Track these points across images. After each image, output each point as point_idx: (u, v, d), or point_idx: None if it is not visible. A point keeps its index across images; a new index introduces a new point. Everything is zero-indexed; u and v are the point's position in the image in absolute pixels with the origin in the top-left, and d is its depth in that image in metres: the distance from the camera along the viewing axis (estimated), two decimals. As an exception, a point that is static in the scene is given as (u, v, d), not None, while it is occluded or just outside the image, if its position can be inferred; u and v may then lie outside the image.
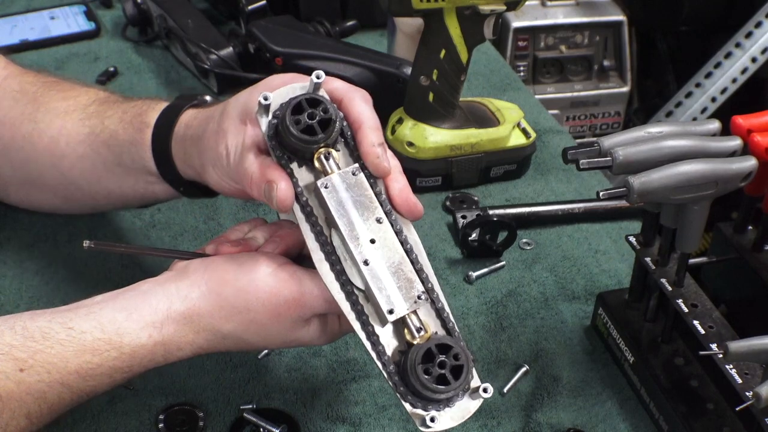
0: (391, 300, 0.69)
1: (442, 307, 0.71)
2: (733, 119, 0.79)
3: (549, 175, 1.18)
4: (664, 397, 0.84)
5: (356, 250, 0.70)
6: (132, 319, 0.71)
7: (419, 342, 0.69)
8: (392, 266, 0.70)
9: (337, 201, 0.70)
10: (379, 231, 0.71)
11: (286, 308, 0.72)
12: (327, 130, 0.70)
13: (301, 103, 0.70)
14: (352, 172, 0.71)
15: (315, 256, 0.71)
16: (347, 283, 0.70)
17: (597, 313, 0.95)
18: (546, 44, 2.12)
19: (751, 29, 2.03)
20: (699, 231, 0.79)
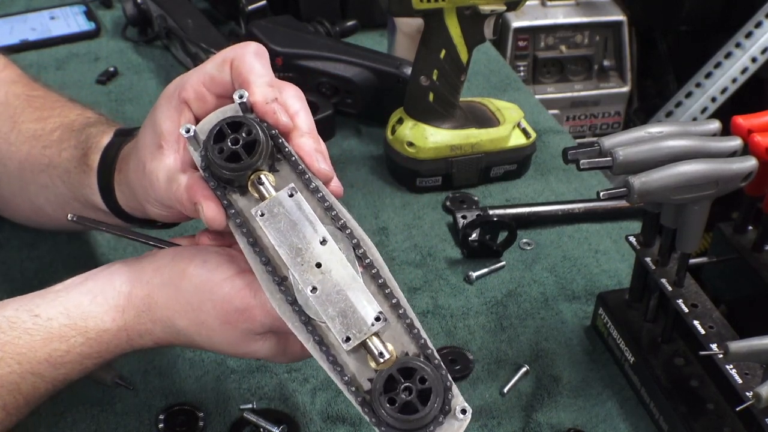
0: (345, 326, 0.64)
1: (411, 323, 0.65)
2: (733, 119, 0.79)
3: (549, 175, 1.18)
4: (664, 397, 0.84)
5: (302, 277, 0.65)
6: (96, 302, 0.70)
7: (383, 368, 0.63)
8: (342, 288, 0.65)
9: (275, 228, 0.66)
10: (324, 253, 0.65)
11: (236, 317, 0.68)
12: (253, 153, 0.65)
13: (222, 129, 0.65)
14: (288, 193, 0.66)
15: (265, 287, 0.66)
16: (301, 313, 0.65)
17: (597, 313, 0.95)
18: (546, 44, 2.12)
19: (751, 29, 2.03)
20: (699, 231, 0.79)
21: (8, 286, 0.96)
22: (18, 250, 1.00)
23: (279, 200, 0.66)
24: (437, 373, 0.62)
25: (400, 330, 0.65)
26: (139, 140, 0.73)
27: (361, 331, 0.64)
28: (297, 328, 0.65)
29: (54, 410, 0.82)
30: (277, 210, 0.66)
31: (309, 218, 0.66)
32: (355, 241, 0.66)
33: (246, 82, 0.68)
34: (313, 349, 0.65)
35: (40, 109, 0.88)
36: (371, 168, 1.17)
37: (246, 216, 0.67)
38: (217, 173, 0.67)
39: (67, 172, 0.83)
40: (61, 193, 0.84)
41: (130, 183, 0.75)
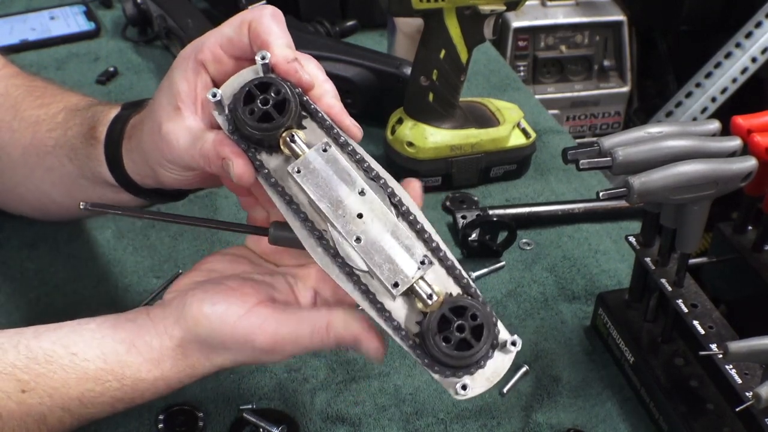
0: (392, 272, 0.65)
1: (452, 264, 0.67)
2: (733, 119, 0.79)
3: (549, 175, 1.18)
4: (664, 398, 0.84)
5: (345, 229, 0.66)
6: (132, 354, 0.71)
7: (432, 309, 0.65)
8: (386, 236, 0.66)
9: (313, 183, 0.66)
10: (364, 203, 0.66)
11: (264, 355, 0.71)
12: (284, 112, 0.66)
13: (251, 90, 0.66)
14: (322, 148, 0.67)
15: (306, 243, 0.67)
16: (345, 264, 0.66)
17: (597, 313, 0.95)
18: (546, 44, 2.12)
19: (751, 29, 2.03)
20: (699, 231, 0.79)
21: (8, 286, 0.96)
22: (18, 250, 1.00)
23: (314, 156, 0.67)
24: (485, 310, 0.64)
25: (443, 272, 0.67)
26: (154, 103, 0.73)
27: (408, 276, 0.65)
28: (341, 279, 0.67)
29: (54, 410, 0.82)
30: (313, 165, 0.67)
31: (345, 171, 0.67)
32: (390, 189, 0.68)
33: (265, 43, 0.68)
34: (360, 297, 0.66)
35: (41, 97, 0.88)
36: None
37: (279, 174, 0.68)
38: (248, 134, 0.67)
39: (74, 149, 0.82)
40: (68, 172, 0.84)
41: (143, 147, 0.74)
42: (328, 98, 0.70)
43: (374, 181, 0.68)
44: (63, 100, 0.87)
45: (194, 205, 1.07)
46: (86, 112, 0.84)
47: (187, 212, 1.06)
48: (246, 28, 0.70)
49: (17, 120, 0.87)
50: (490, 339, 0.64)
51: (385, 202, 0.67)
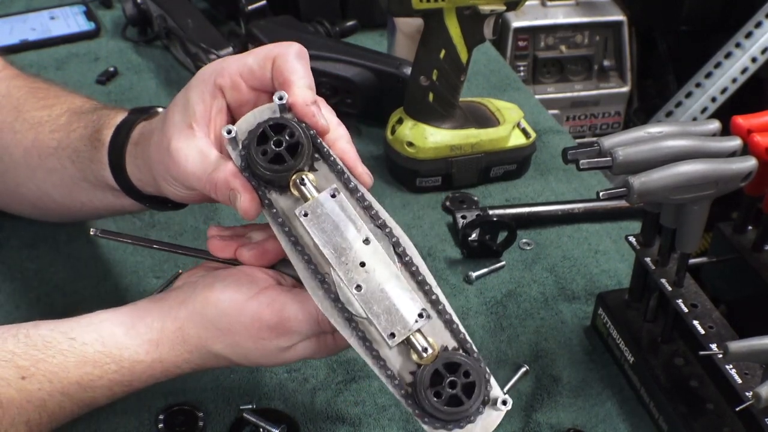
0: (390, 323, 0.67)
1: (450, 318, 0.68)
2: (733, 119, 0.79)
3: (549, 175, 1.18)
4: (664, 398, 0.84)
5: (346, 277, 0.67)
6: (130, 335, 0.71)
7: (426, 362, 0.66)
8: (387, 286, 0.67)
9: (318, 228, 0.68)
10: (368, 252, 0.68)
11: (269, 334, 0.70)
12: (297, 156, 0.67)
13: (265, 131, 0.67)
14: (330, 194, 0.68)
15: (307, 284, 0.69)
16: (344, 310, 0.67)
17: (597, 313, 0.95)
18: (546, 44, 2.12)
19: (751, 29, 2.03)
20: (699, 231, 0.79)
21: (8, 286, 0.96)
22: (18, 250, 1.00)
23: (322, 201, 0.68)
24: (478, 367, 0.66)
25: (440, 325, 0.68)
26: (166, 117, 0.73)
27: (405, 328, 0.67)
28: (340, 324, 0.68)
29: (54, 410, 0.82)
30: (321, 210, 0.68)
31: (352, 218, 0.68)
32: (394, 239, 0.69)
33: (287, 82, 0.69)
34: (357, 344, 0.67)
35: (44, 98, 0.88)
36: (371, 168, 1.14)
37: (287, 215, 0.69)
38: (259, 174, 0.68)
39: (76, 152, 0.82)
40: (70, 174, 0.84)
41: (149, 158, 0.75)
42: (342, 143, 0.71)
43: (380, 229, 0.69)
44: (67, 102, 0.87)
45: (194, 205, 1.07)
46: (91, 115, 0.84)
47: (186, 211, 1.06)
48: (270, 63, 0.70)
49: (19, 121, 0.86)
50: (481, 396, 0.65)
51: (388, 252, 0.68)
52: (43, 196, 0.89)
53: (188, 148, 0.70)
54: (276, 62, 0.70)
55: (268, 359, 0.73)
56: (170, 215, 1.06)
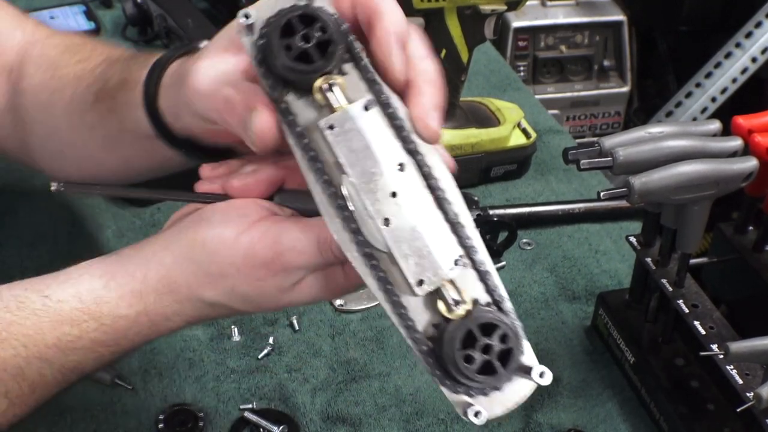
0: (419, 268, 0.56)
1: (486, 270, 0.58)
2: (734, 119, 0.79)
3: (549, 175, 1.18)
4: (665, 398, 0.84)
5: (374, 207, 0.56)
6: (110, 287, 0.63)
7: (456, 318, 0.56)
8: (420, 224, 0.56)
9: (346, 146, 0.56)
10: (401, 180, 0.56)
11: (266, 272, 0.61)
12: (327, 55, 0.56)
13: (291, 22, 0.55)
14: (363, 106, 0.56)
15: (323, 210, 0.58)
16: (365, 243, 0.56)
17: (597, 313, 0.95)
18: (546, 44, 2.12)
19: (751, 29, 2.03)
20: (699, 231, 0.79)
21: (8, 286, 0.96)
22: (18, 250, 1.00)
23: (353, 113, 0.56)
24: (516, 330, 0.57)
25: (474, 276, 0.58)
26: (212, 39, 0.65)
27: (436, 275, 0.56)
28: (358, 261, 0.57)
29: (54, 410, 0.82)
30: (350, 125, 0.56)
31: (386, 138, 0.57)
32: (426, 169, 0.58)
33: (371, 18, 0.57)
34: (376, 286, 0.57)
35: (80, 53, 0.81)
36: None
37: (306, 125, 0.58)
38: (278, 72, 0.57)
39: (114, 99, 0.75)
40: (110, 127, 0.76)
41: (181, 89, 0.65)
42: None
43: (411, 155, 0.57)
44: (104, 53, 0.80)
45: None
46: (128, 62, 0.76)
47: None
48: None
49: (56, 79, 0.80)
50: (515, 363, 0.56)
51: (423, 182, 0.57)
52: (87, 158, 0.81)
53: (210, 66, 0.61)
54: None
55: (271, 302, 0.63)
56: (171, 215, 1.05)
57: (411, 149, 0.57)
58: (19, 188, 1.08)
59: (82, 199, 1.07)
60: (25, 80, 0.83)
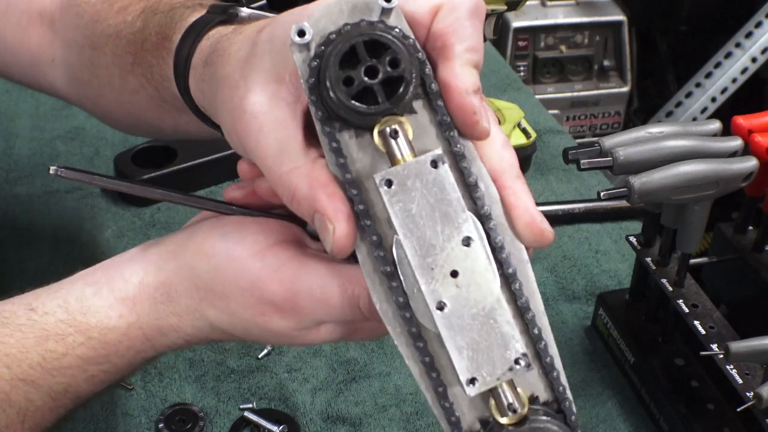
0: (474, 364, 0.47)
1: (551, 363, 0.50)
2: (734, 119, 0.79)
3: (549, 175, 1.18)
4: (665, 398, 0.84)
5: (428, 287, 0.47)
6: (101, 295, 0.56)
7: (509, 423, 0.48)
8: (481, 313, 0.47)
9: (403, 208, 0.47)
10: (465, 259, 0.47)
11: (273, 310, 0.54)
12: (396, 97, 0.46)
13: (356, 48, 0.45)
14: (431, 161, 0.46)
15: (366, 274, 0.50)
16: (412, 323, 0.48)
17: (597, 313, 0.95)
18: (546, 44, 2.12)
19: (751, 29, 2.03)
20: (700, 231, 0.79)
21: (8, 286, 0.96)
22: (18, 250, 1.00)
23: (418, 169, 0.46)
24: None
25: (535, 369, 0.51)
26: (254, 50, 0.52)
27: (493, 375, 0.48)
28: (400, 339, 0.49)
29: (54, 410, 0.82)
30: (413, 183, 0.46)
31: (453, 204, 0.47)
32: (499, 238, 0.49)
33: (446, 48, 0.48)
34: (420, 373, 0.49)
35: (119, 1, 0.71)
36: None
37: (359, 172, 0.49)
38: (332, 106, 0.47)
39: (150, 68, 0.65)
40: (150, 95, 0.67)
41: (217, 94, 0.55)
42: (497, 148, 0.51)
43: (482, 221, 0.49)
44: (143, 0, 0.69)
45: (194, 204, 1.07)
46: (165, 16, 0.65)
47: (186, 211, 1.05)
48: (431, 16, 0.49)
49: (97, 35, 0.71)
50: None
51: (491, 261, 0.48)
52: (137, 121, 0.73)
53: (269, 115, 0.50)
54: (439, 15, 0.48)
55: (278, 340, 0.56)
56: (171, 215, 1.06)
57: (483, 213, 0.49)
58: (19, 188, 1.08)
59: (81, 200, 1.07)
60: (69, 33, 0.74)
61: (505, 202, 0.50)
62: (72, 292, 0.57)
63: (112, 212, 1.05)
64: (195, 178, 1.09)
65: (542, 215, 0.50)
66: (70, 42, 0.74)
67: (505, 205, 0.50)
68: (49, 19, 0.77)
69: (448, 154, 0.49)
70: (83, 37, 0.72)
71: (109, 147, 1.14)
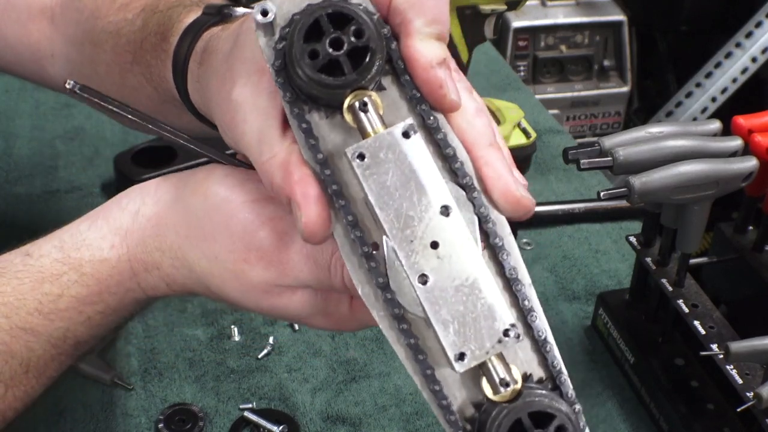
0: (461, 338, 0.46)
1: (544, 338, 0.49)
2: (734, 119, 0.79)
3: (549, 175, 1.18)
4: (665, 398, 0.84)
5: (408, 260, 0.46)
6: (96, 227, 0.55)
7: (502, 401, 0.46)
8: (465, 284, 0.46)
9: (377, 182, 0.45)
10: (445, 228, 0.46)
11: (257, 258, 0.52)
12: (362, 67, 0.45)
13: (320, 22, 0.45)
14: (402, 132, 0.46)
15: (345, 256, 0.48)
16: (395, 303, 0.47)
17: (597, 313, 0.95)
18: (546, 44, 2.12)
19: (751, 29, 2.04)
20: (699, 231, 0.79)
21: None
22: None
23: (390, 140, 0.46)
24: (575, 420, 0.47)
25: (527, 345, 0.49)
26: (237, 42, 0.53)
27: (482, 348, 0.46)
28: (384, 322, 0.48)
29: (53, 410, 0.82)
30: (385, 155, 0.45)
31: (428, 173, 0.46)
32: (482, 208, 0.48)
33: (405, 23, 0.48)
34: (405, 354, 0.48)
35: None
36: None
37: (330, 151, 0.48)
38: (300, 84, 0.47)
39: (149, 68, 0.66)
40: (149, 95, 0.68)
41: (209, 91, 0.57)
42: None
43: (464, 190, 0.48)
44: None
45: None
46: (163, 15, 0.66)
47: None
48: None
49: (98, 32, 0.71)
50: None
51: (472, 229, 0.47)
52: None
53: (251, 105, 0.51)
54: None
55: (249, 297, 0.55)
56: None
57: (465, 183, 0.48)
58: (18, 188, 1.08)
59: (81, 200, 1.07)
60: (69, 29, 0.75)
61: (479, 174, 0.49)
62: (67, 230, 0.56)
63: (112, 212, 1.05)
64: (195, 178, 1.09)
65: (519, 182, 0.49)
66: (70, 38, 0.75)
67: (479, 177, 0.49)
68: (50, 15, 0.77)
69: (422, 128, 0.48)
70: (83, 33, 0.73)
71: (109, 147, 1.14)
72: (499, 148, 0.50)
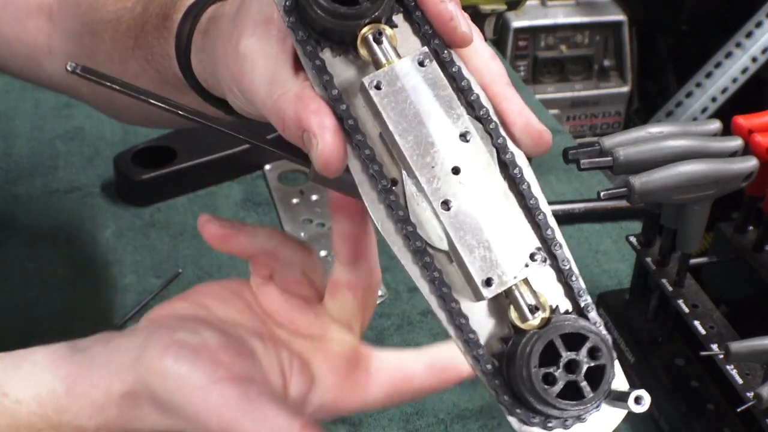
0: (487, 263, 0.44)
1: (570, 269, 0.48)
2: (734, 119, 0.79)
3: (549, 175, 1.18)
4: (665, 398, 0.84)
5: (430, 186, 0.45)
6: (73, 394, 0.57)
7: (533, 328, 0.45)
8: (489, 208, 0.45)
9: (396, 110, 0.45)
10: (465, 153, 0.45)
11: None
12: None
13: None
14: (418, 60, 0.45)
15: (363, 192, 0.47)
16: (416, 236, 0.46)
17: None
18: (546, 44, 2.12)
19: (752, 29, 2.03)
20: (700, 231, 0.79)
21: (8, 286, 0.96)
22: (17, 250, 1.00)
23: (405, 70, 0.45)
24: (608, 342, 0.46)
25: (553, 275, 0.48)
26: (244, 2, 0.54)
27: (508, 273, 0.45)
28: (405, 257, 0.47)
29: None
30: (401, 83, 0.45)
31: (446, 100, 0.46)
32: (500, 140, 0.48)
33: None
34: (428, 289, 0.47)
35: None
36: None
37: (345, 87, 0.48)
38: (311, 19, 0.46)
39: (151, 48, 0.66)
40: (151, 77, 0.68)
41: (215, 55, 0.56)
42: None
43: (481, 122, 0.48)
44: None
45: (194, 204, 1.07)
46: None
47: (186, 211, 1.06)
48: None
49: (96, 22, 0.71)
50: (606, 386, 0.46)
51: (493, 157, 0.47)
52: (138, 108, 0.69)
53: (260, 53, 0.50)
54: None
55: None
56: (170, 215, 1.06)
57: (481, 115, 0.47)
58: (18, 188, 1.08)
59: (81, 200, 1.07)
60: (68, 23, 0.75)
61: (499, 109, 0.49)
62: (43, 384, 0.57)
63: (111, 212, 1.05)
64: (195, 178, 1.09)
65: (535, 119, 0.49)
66: (68, 31, 0.75)
67: (498, 112, 0.48)
68: (48, 11, 0.77)
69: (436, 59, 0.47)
70: (81, 25, 0.73)
71: (109, 147, 1.14)
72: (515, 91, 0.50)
